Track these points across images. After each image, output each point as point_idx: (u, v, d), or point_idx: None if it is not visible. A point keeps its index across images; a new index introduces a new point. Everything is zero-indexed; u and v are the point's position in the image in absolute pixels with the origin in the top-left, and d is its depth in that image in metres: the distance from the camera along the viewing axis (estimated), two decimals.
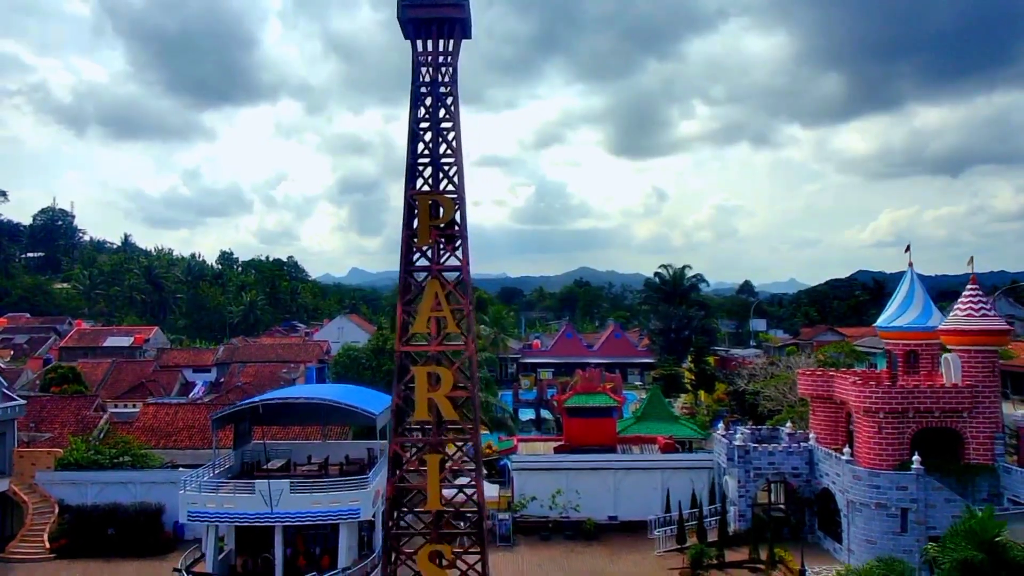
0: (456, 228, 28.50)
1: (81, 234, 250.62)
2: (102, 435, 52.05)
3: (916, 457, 37.55)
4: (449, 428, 29.70)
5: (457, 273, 29.18)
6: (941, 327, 41.00)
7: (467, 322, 28.78)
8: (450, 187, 28.88)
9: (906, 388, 39.69)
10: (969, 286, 40.92)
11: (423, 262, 28.91)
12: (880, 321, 46.73)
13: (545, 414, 76.51)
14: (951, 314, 41.18)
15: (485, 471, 49.91)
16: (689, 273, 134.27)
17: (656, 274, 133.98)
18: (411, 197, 28.64)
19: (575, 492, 45.97)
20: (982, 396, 39.15)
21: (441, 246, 28.67)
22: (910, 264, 47.01)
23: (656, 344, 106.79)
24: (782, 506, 46.14)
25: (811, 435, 44.59)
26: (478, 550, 28.65)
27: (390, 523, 28.92)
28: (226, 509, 36.11)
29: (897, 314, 45.27)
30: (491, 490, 46.64)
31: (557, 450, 49.53)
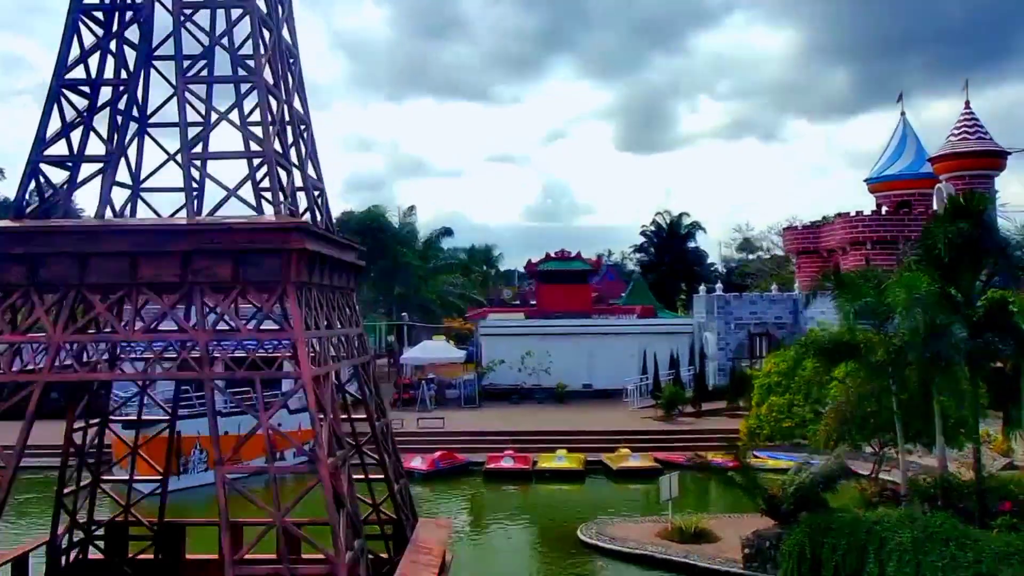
0: None
1: (81, 210, 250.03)
2: None
3: None
4: None
5: None
6: (934, 155, 38.19)
7: None
8: None
9: (895, 217, 36.92)
10: (963, 111, 38.09)
11: None
12: (870, 173, 43.99)
13: None
14: (944, 142, 38.36)
15: (452, 343, 47.19)
16: (686, 221, 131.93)
17: (653, 221, 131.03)
18: None
19: (546, 353, 43.19)
20: None
21: None
22: (902, 113, 44.28)
23: (649, 278, 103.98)
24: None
25: (796, 285, 41.82)
26: None
27: None
28: None
29: (888, 163, 42.57)
30: (459, 353, 44.15)
31: (529, 316, 46.75)
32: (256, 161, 11.59)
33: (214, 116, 11.71)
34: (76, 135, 12.10)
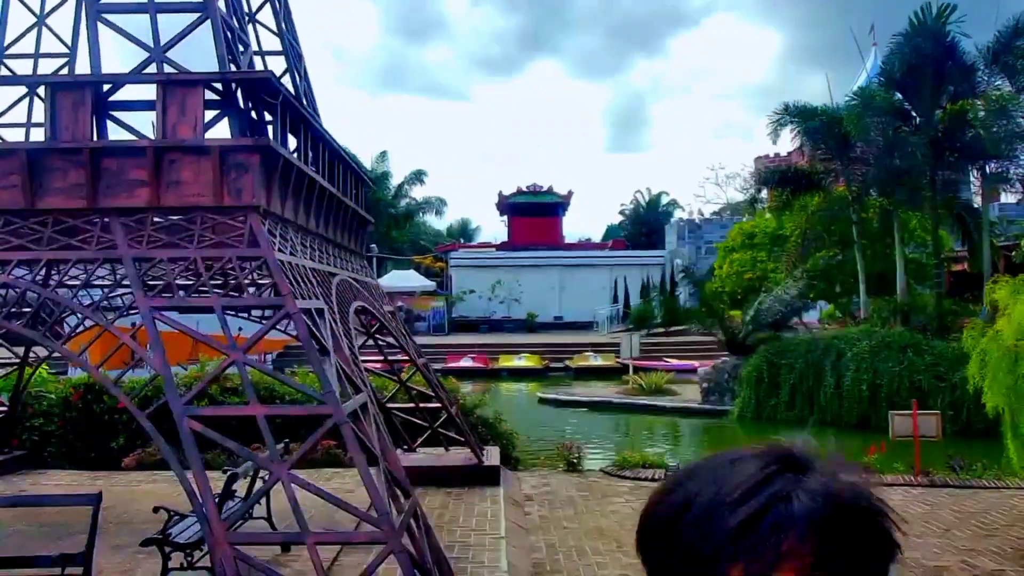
0: None
1: None
2: None
3: None
4: None
5: None
6: None
7: None
8: None
9: None
10: None
11: None
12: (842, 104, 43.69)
13: None
14: None
15: (429, 282, 46.41)
16: (664, 200, 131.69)
17: (632, 199, 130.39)
18: None
19: (516, 283, 42.59)
20: None
21: None
22: (874, 44, 43.95)
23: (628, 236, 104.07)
24: None
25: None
26: None
27: None
28: None
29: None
30: (429, 283, 43.46)
31: (499, 248, 46.12)
32: None
33: None
34: None
